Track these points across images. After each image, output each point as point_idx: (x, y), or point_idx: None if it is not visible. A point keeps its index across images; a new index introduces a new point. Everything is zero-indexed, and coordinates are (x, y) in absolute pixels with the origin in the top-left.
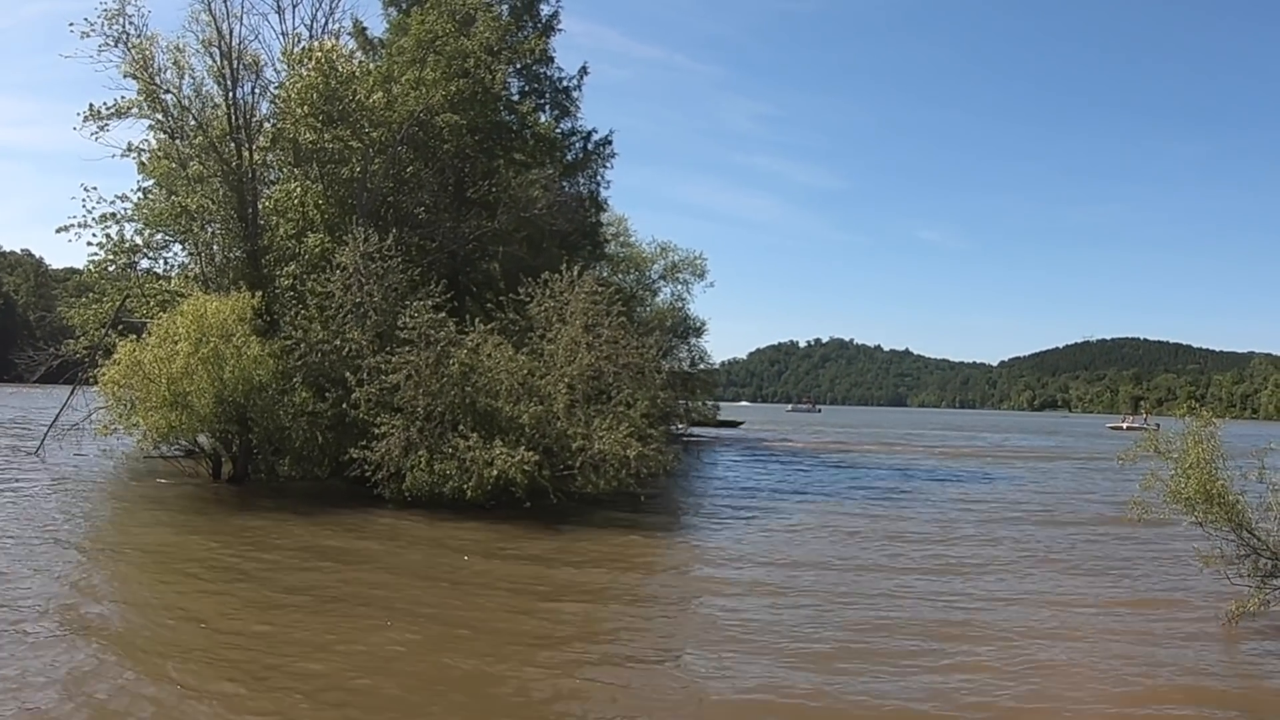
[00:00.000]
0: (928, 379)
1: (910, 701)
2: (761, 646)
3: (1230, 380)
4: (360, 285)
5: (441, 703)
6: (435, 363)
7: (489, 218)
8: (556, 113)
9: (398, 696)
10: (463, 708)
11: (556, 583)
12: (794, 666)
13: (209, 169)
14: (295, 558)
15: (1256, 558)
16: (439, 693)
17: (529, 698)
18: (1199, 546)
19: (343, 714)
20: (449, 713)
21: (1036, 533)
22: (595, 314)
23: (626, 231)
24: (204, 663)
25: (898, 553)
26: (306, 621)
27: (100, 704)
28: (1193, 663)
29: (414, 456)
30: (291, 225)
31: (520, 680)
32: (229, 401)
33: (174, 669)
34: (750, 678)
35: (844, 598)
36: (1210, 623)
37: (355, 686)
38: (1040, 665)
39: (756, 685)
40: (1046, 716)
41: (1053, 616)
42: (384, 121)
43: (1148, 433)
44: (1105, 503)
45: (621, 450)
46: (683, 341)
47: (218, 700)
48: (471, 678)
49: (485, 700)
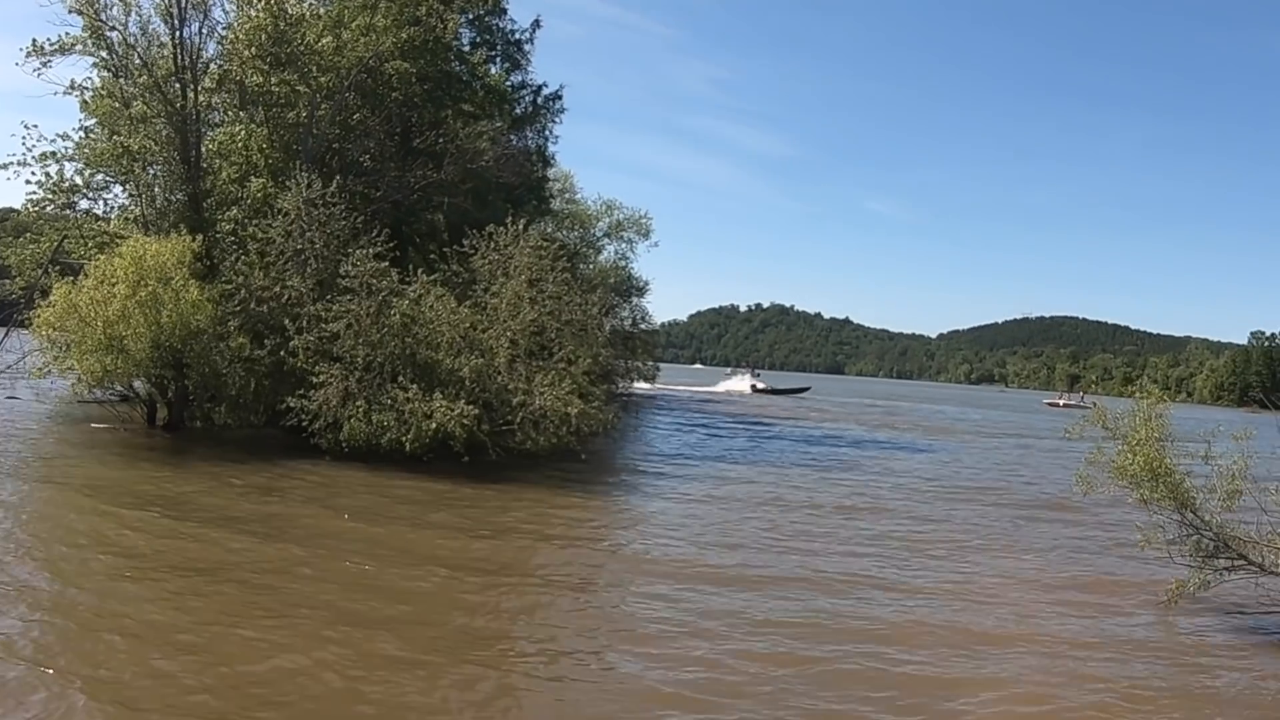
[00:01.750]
0: (866, 348)
1: (842, 663)
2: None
3: (1166, 363)
4: (302, 232)
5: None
6: (376, 312)
7: (435, 168)
8: (507, 65)
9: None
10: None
11: (482, 552)
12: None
13: (153, 109)
14: (216, 513)
15: (1199, 538)
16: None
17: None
18: (1142, 525)
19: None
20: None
21: (983, 512)
22: (539, 269)
23: (573, 188)
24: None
25: (838, 525)
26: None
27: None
28: (1129, 641)
29: (352, 407)
30: (235, 169)
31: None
32: (165, 346)
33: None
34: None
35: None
36: (1150, 603)
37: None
38: (979, 638)
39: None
40: (984, 688)
41: (994, 594)
42: (332, 66)
43: (1096, 410)
44: (1045, 482)
45: (562, 407)
46: (625, 300)
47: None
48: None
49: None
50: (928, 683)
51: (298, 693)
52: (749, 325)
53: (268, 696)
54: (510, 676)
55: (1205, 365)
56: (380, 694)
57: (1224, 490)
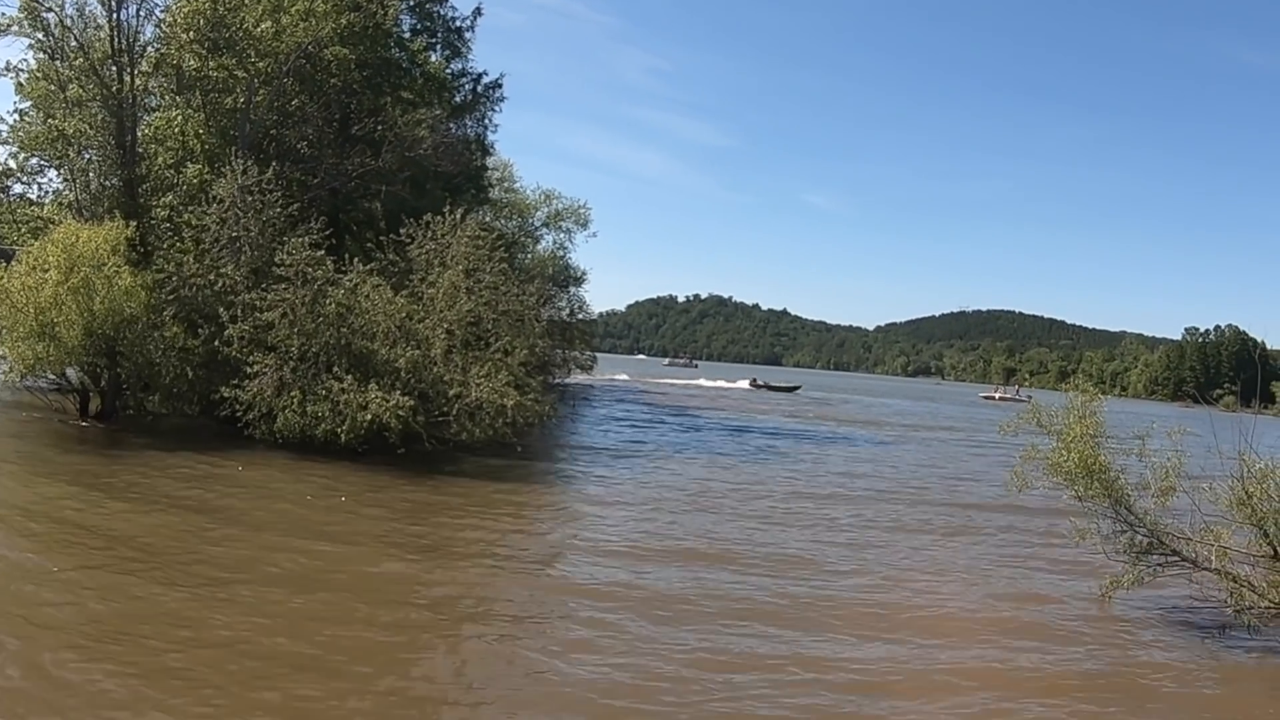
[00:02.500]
0: (804, 340)
1: (780, 662)
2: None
3: (1101, 357)
4: (237, 219)
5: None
6: (311, 301)
7: (373, 156)
8: (447, 53)
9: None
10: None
11: (414, 534)
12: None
13: (88, 93)
14: (143, 499)
15: (1133, 534)
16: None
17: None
18: (1076, 521)
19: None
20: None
21: (918, 506)
22: (477, 259)
23: (512, 177)
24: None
25: (779, 512)
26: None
27: None
28: (1062, 636)
29: (286, 397)
30: (171, 155)
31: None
32: (98, 334)
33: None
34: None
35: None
36: (1084, 598)
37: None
38: (908, 629)
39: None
40: (911, 680)
41: (924, 587)
42: (271, 52)
43: (1031, 406)
44: (982, 476)
45: (499, 399)
46: (563, 290)
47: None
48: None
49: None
50: (853, 674)
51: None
52: (687, 316)
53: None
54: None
55: (1140, 360)
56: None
57: (1158, 487)
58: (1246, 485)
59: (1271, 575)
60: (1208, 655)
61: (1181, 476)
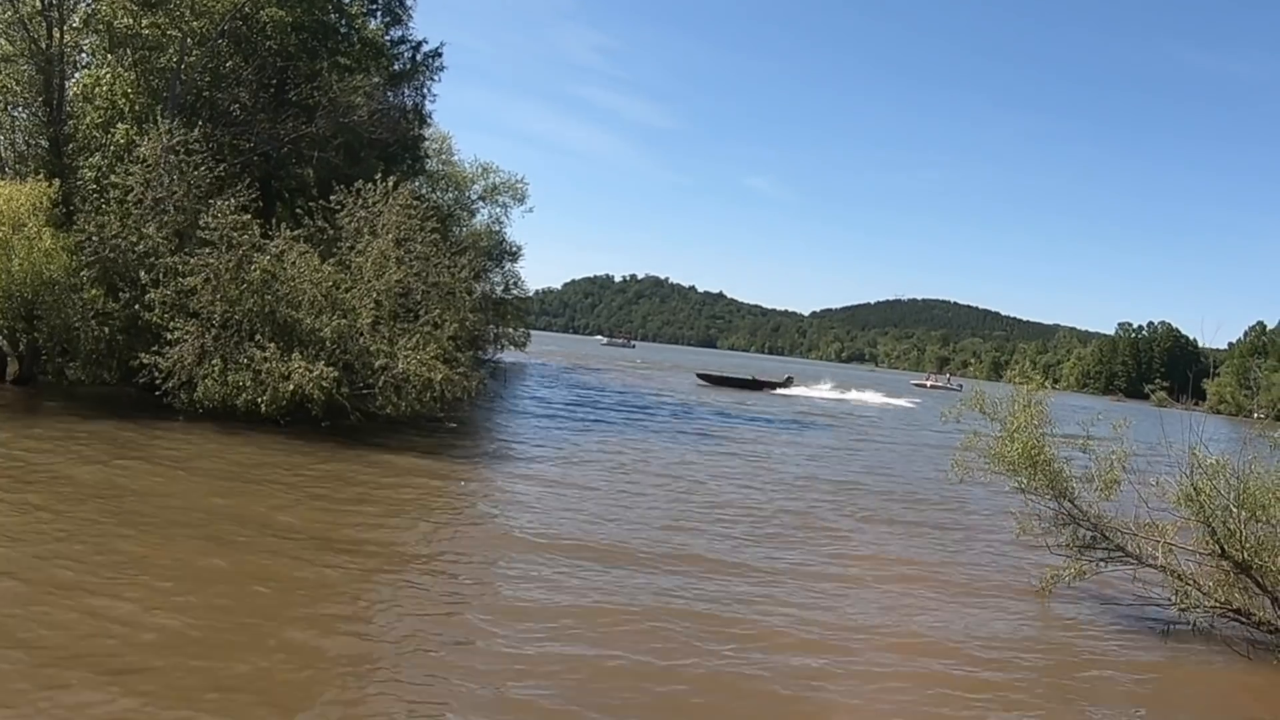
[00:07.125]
0: (740, 323)
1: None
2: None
3: (1035, 349)
4: (161, 180)
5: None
6: (236, 267)
7: (307, 121)
8: (387, 19)
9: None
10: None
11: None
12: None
13: (16, 48)
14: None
15: (1076, 528)
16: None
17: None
18: (1018, 513)
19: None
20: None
21: (854, 497)
22: (408, 229)
23: (450, 149)
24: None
25: (705, 497)
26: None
27: None
28: (1001, 629)
29: (207, 365)
30: (100, 114)
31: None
32: (16, 297)
33: None
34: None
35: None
36: (1024, 591)
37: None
38: (843, 628)
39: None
40: (845, 678)
41: (860, 581)
42: (206, 11)
43: (975, 394)
44: (920, 466)
45: (426, 372)
46: (497, 265)
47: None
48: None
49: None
50: (787, 671)
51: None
52: (623, 295)
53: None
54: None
55: (1073, 353)
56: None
57: (1102, 480)
58: (1195, 480)
59: (1218, 574)
60: (1149, 653)
61: (1126, 470)
